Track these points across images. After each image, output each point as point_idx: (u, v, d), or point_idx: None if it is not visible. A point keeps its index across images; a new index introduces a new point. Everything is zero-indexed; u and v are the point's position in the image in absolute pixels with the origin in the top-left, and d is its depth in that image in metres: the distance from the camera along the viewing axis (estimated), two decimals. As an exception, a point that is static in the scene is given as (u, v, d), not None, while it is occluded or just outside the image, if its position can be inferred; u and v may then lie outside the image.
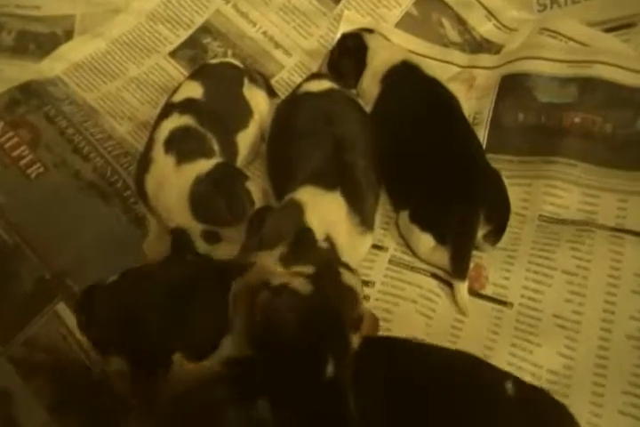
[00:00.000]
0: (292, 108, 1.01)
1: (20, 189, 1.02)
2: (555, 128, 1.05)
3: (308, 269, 0.72)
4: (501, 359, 0.86)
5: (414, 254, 0.96)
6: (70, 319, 0.88)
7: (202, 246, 0.91)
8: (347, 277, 0.75)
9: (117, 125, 1.10)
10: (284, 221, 0.85)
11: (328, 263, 0.76)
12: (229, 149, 1.00)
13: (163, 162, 0.92)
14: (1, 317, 0.90)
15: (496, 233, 0.94)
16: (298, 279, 0.71)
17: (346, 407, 0.65)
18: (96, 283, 0.79)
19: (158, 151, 0.93)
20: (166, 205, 0.91)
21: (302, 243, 0.81)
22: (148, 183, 0.93)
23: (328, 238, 0.86)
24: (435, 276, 0.94)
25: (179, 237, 0.90)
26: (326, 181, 0.89)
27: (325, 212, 0.87)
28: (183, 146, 0.93)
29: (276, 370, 0.65)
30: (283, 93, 1.12)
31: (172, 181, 0.91)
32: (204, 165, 0.91)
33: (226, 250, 0.90)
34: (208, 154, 0.94)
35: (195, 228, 0.90)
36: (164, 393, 0.72)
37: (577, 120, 1.04)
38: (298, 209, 0.86)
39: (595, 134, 1.04)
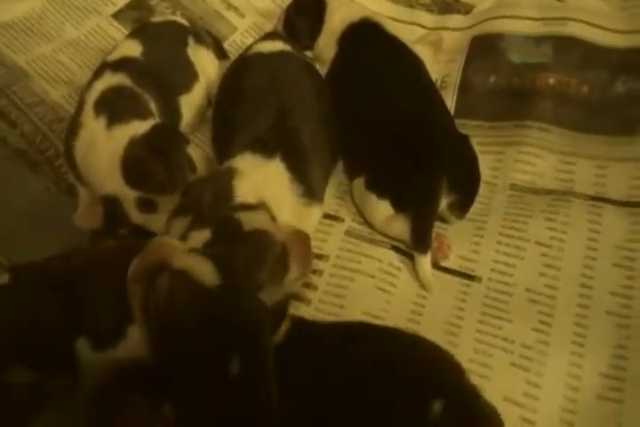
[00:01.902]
0: (240, 68, 0.92)
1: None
2: (527, 90, 0.97)
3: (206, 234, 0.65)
4: (469, 336, 0.78)
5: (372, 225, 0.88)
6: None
7: (136, 217, 0.82)
8: (249, 223, 0.67)
9: (51, 89, 1.00)
10: (210, 186, 0.77)
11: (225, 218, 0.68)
12: (171, 112, 0.91)
13: (92, 125, 0.83)
14: None
15: (463, 204, 0.85)
16: (204, 264, 0.61)
17: (256, 404, 0.57)
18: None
19: (88, 113, 0.84)
20: (96, 172, 0.82)
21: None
22: (77, 150, 0.84)
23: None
24: (395, 248, 0.86)
25: (111, 207, 0.82)
26: (267, 148, 0.80)
27: (262, 181, 0.78)
28: (115, 106, 0.84)
29: (177, 369, 0.57)
30: (235, 57, 1.03)
31: (103, 145, 0.81)
32: (138, 127, 0.82)
33: (162, 219, 0.79)
34: (144, 115, 0.85)
35: (128, 196, 0.80)
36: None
37: (551, 81, 0.97)
38: (230, 175, 0.77)
39: (570, 97, 0.97)
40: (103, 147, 0.81)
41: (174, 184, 0.80)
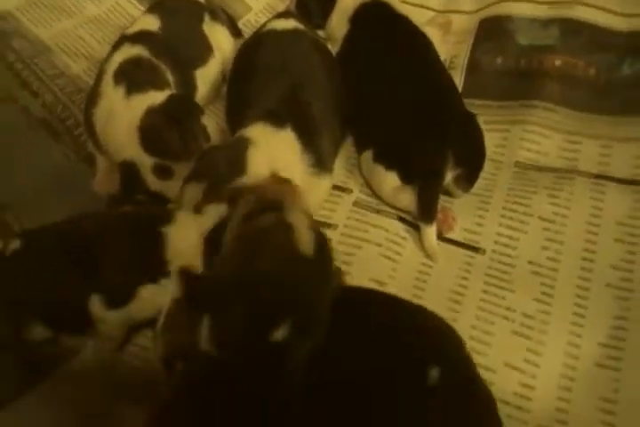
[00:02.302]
0: (254, 45, 0.95)
1: (-37, 126, 0.96)
2: (534, 71, 0.99)
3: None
4: (472, 305, 0.81)
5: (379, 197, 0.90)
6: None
7: (153, 183, 0.84)
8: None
9: (72, 63, 1.04)
10: (224, 154, 0.80)
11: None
12: (186, 85, 0.94)
13: (112, 94, 0.86)
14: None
15: (468, 178, 0.88)
16: (309, 234, 0.62)
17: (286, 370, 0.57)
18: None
19: (107, 83, 0.87)
20: (115, 139, 0.85)
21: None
22: (96, 118, 0.87)
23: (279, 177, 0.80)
24: (401, 219, 0.88)
25: (128, 173, 0.85)
26: (278, 119, 0.83)
27: (274, 149, 0.81)
28: (134, 77, 0.87)
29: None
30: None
31: (122, 113, 0.84)
32: (155, 97, 0.85)
33: (178, 186, 0.83)
34: (161, 86, 0.87)
35: (145, 162, 0.83)
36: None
37: (558, 63, 0.99)
38: (244, 144, 0.80)
39: (577, 78, 0.99)
40: (121, 115, 0.84)
41: (189, 152, 0.83)
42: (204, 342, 0.56)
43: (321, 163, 0.85)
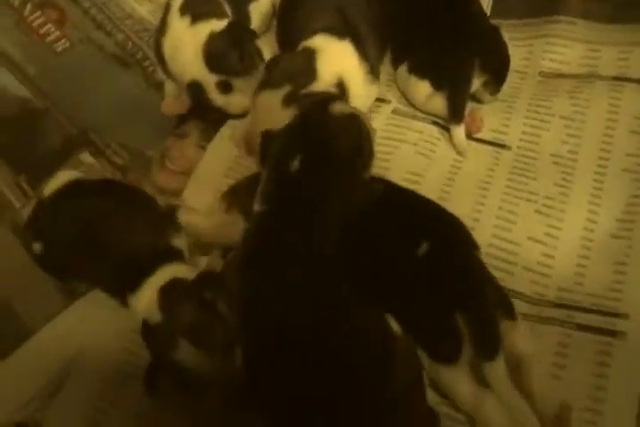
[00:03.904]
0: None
1: (48, 62, 1.10)
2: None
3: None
4: (498, 191, 0.91)
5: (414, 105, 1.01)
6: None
7: (216, 99, 0.97)
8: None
9: (138, 6, 1.17)
10: (295, 62, 0.92)
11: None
12: (242, 16, 1.06)
13: (178, 24, 0.98)
14: (35, 167, 0.99)
15: (494, 82, 0.97)
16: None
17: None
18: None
19: (174, 16, 1.00)
20: (182, 63, 0.97)
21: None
22: (166, 46, 0.99)
23: (340, 84, 0.91)
24: (435, 123, 0.99)
25: (195, 91, 0.98)
26: (337, 32, 0.94)
27: (338, 57, 0.92)
28: (197, 8, 0.99)
29: None
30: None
31: (188, 39, 0.97)
32: (216, 24, 0.97)
33: (238, 100, 0.98)
34: (221, 16, 1.00)
35: (209, 80, 0.96)
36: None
37: (578, -22, 1.07)
38: (310, 53, 0.91)
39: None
40: (188, 41, 0.96)
41: (246, 68, 0.96)
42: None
43: (373, 71, 0.96)
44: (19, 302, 0.86)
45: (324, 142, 0.75)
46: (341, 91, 0.91)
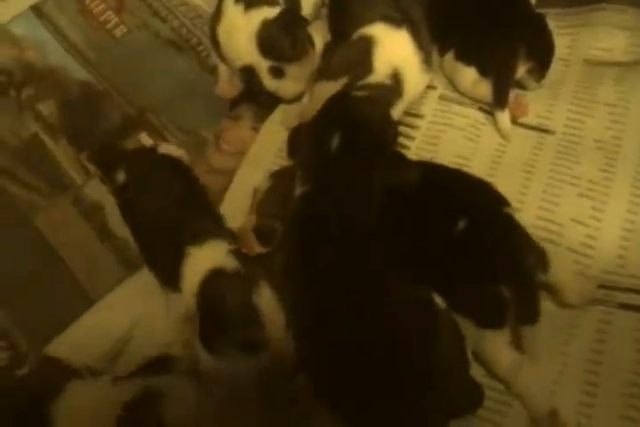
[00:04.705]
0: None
1: (107, 47, 1.16)
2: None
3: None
4: (542, 175, 0.93)
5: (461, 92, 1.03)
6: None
7: (269, 83, 1.01)
8: None
9: (192, -6, 1.24)
10: (352, 53, 0.94)
11: None
12: (293, 5, 1.09)
13: (232, 11, 1.02)
14: (94, 145, 1.04)
15: (539, 70, 0.99)
16: None
17: None
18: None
19: (228, 3, 1.03)
20: (237, 48, 1.01)
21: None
22: (220, 32, 1.03)
23: (395, 74, 0.93)
24: (481, 109, 1.01)
25: (248, 75, 1.02)
26: (393, 20, 0.95)
27: (396, 46, 0.94)
28: None
29: None
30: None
31: (241, 26, 1.00)
32: (269, 12, 1.00)
33: (289, 85, 1.01)
34: (272, 3, 1.03)
35: (262, 65, 0.99)
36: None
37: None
38: (367, 44, 0.93)
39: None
40: (241, 28, 1.00)
41: (298, 54, 0.99)
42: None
43: (427, 60, 0.98)
44: (82, 272, 0.92)
45: (358, 121, 0.79)
46: (396, 81, 0.93)
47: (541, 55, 0.99)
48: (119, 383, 0.70)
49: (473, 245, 0.75)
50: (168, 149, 0.96)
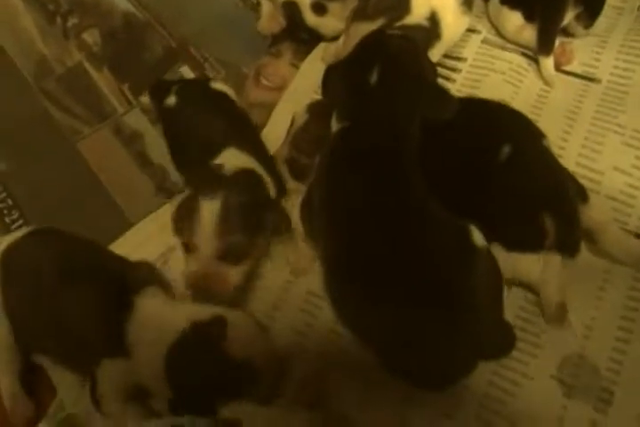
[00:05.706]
0: None
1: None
2: None
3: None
4: (585, 122, 0.92)
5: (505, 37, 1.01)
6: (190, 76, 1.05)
7: (310, 20, 1.01)
8: None
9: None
10: None
11: None
12: None
13: None
14: (137, 77, 1.05)
15: (589, 16, 0.97)
16: None
17: None
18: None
19: None
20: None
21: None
22: None
23: (432, 16, 0.92)
24: (524, 54, 1.00)
25: (290, 11, 1.02)
26: None
27: None
28: None
29: None
30: None
31: None
32: None
33: (330, 22, 1.01)
34: None
35: (305, 1, 0.99)
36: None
37: None
38: None
39: None
40: None
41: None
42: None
43: (466, 2, 0.96)
44: (121, 196, 0.94)
45: (396, 55, 0.78)
46: (434, 23, 0.92)
47: (592, 1, 0.96)
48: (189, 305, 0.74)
49: (517, 171, 0.74)
50: (219, 85, 0.96)
